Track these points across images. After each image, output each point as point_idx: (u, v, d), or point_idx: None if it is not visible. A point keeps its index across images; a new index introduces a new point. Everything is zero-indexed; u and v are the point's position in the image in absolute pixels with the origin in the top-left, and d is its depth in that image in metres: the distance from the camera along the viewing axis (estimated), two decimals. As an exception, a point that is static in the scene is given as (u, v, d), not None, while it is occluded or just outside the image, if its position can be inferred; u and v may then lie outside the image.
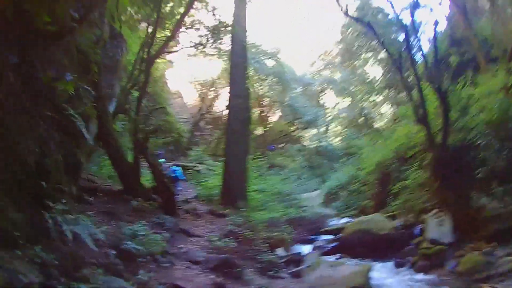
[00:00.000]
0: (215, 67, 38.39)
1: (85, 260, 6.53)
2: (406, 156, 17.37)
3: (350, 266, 10.97)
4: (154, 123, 29.88)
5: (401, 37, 19.29)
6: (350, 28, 41.82)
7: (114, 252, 7.61)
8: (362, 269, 10.18)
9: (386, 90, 40.38)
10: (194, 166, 27.14)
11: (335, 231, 16.17)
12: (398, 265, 12.09)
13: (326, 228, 17.35)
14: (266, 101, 42.98)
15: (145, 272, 7.46)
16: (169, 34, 17.02)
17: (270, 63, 38.33)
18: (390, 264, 12.36)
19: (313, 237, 17.27)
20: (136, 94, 16.93)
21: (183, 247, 10.48)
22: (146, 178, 15.35)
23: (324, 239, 16.25)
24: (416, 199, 14.91)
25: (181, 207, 15.63)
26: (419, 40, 15.30)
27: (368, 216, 15.81)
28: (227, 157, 18.35)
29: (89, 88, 8.99)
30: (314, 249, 15.14)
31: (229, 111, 18.98)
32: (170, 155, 30.96)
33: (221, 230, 12.62)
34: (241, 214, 13.66)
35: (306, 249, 15.01)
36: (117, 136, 14.36)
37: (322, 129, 44.01)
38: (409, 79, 17.43)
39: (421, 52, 14.96)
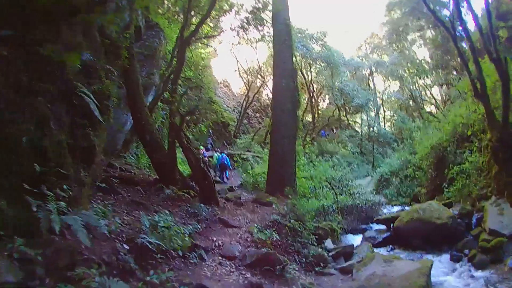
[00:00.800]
0: (261, 54, 37.39)
1: (84, 257, 5.31)
2: (463, 138, 16.07)
3: (407, 262, 8.95)
4: (196, 107, 29.74)
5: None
6: (395, 8, 39.25)
7: (127, 247, 6.28)
8: (422, 266, 8.13)
9: (435, 72, 38.22)
10: (241, 154, 25.80)
11: (388, 221, 14.35)
12: (455, 259, 10.41)
13: (379, 217, 15.37)
14: (315, 86, 41.11)
15: (163, 271, 6.10)
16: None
17: (316, 47, 36.35)
18: (446, 257, 10.73)
19: (364, 226, 15.68)
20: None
21: (218, 239, 9.04)
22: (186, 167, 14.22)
23: (376, 229, 14.53)
24: (474, 185, 13.56)
25: (223, 196, 14.40)
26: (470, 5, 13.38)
27: (422, 204, 13.79)
28: (273, 140, 16.70)
29: (112, 68, 8.19)
30: (365, 240, 13.45)
31: (274, 92, 17.42)
32: (217, 144, 30.09)
33: (264, 220, 11.15)
34: (287, 203, 12.00)
35: (356, 240, 13.65)
36: (153, 124, 13.16)
37: (373, 113, 41.56)
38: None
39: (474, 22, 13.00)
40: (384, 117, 45.12)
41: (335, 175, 21.57)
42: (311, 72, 39.45)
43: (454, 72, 34.23)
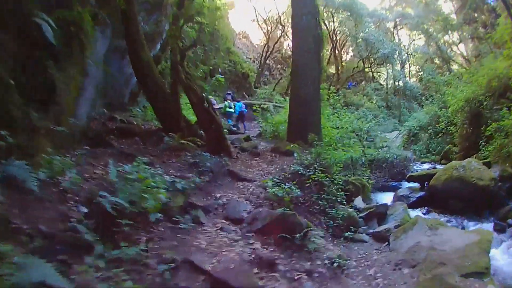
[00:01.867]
0: (280, 1, 34.88)
1: (13, 225, 3.60)
2: (499, 93, 14.69)
3: (458, 232, 6.63)
4: (195, 42, 27.74)
5: None
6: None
7: (84, 210, 4.34)
8: (481, 239, 5.63)
9: (462, 27, 35.01)
10: (262, 104, 23.54)
11: (422, 178, 12.49)
12: (498, 230, 8.47)
13: (412, 174, 13.49)
14: (338, 37, 38.27)
15: (136, 243, 4.19)
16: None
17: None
18: (488, 226, 8.73)
19: (394, 183, 14.00)
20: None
21: (223, 196, 7.07)
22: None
23: (408, 187, 12.47)
24: None
25: (237, 145, 12.42)
26: None
27: (461, 161, 11.58)
28: (295, 83, 14.27)
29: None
30: (397, 198, 11.45)
31: (294, 30, 14.86)
32: (237, 95, 28.05)
33: (282, 172, 8.99)
34: (311, 151, 9.92)
35: (387, 198, 11.67)
36: (154, 69, 11.02)
37: (398, 67, 38.61)
38: None
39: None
40: (409, 72, 42.09)
41: (363, 126, 19.66)
42: (334, 22, 36.97)
43: (481, 29, 31.08)
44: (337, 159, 10.52)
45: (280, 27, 36.52)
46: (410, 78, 42.04)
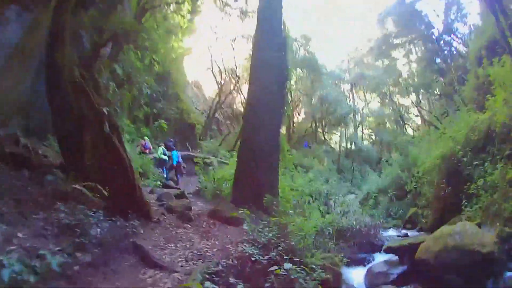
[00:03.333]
0: (237, 54, 32.73)
1: None
2: (477, 148, 13.06)
3: None
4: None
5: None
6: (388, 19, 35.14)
7: None
8: None
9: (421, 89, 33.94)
10: (205, 158, 20.19)
11: (402, 250, 9.84)
12: None
13: (390, 245, 10.61)
14: (293, 96, 36.25)
15: None
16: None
17: (299, 53, 31.86)
18: None
19: (363, 255, 11.08)
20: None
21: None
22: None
23: (384, 262, 9.87)
24: (505, 202, 9.90)
25: (164, 202, 8.94)
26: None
27: (453, 226, 9.27)
28: (248, 127, 11.07)
29: None
30: (372, 277, 9.01)
31: (254, 61, 11.72)
32: (180, 145, 24.65)
33: (223, 254, 5.61)
34: (268, 221, 6.84)
35: (357, 275, 9.29)
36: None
37: (351, 129, 37.03)
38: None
39: None
40: (362, 135, 40.49)
41: (321, 188, 16.86)
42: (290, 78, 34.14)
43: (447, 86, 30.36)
44: (305, 232, 7.20)
45: (235, 78, 34.06)
46: (367, 139, 40.70)
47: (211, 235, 6.92)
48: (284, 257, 5.22)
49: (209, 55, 34.08)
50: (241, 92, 36.48)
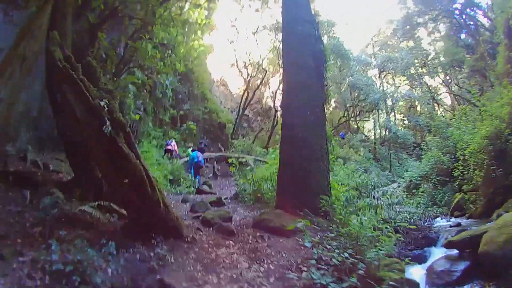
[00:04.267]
0: (261, 46, 31.18)
1: None
2: None
3: None
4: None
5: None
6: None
7: None
8: None
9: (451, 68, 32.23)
10: (239, 158, 18.66)
11: (463, 243, 8.00)
12: None
13: (451, 239, 8.52)
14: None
15: None
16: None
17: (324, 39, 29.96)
18: None
19: (418, 252, 9.22)
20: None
21: None
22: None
23: (445, 257, 8.02)
24: None
25: (199, 213, 7.46)
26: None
27: None
28: (287, 115, 9.23)
29: None
30: (435, 276, 7.46)
31: (286, 43, 9.95)
32: (212, 146, 23.39)
33: (287, 281, 4.18)
34: (329, 228, 5.72)
35: (416, 274, 7.65)
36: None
37: (384, 115, 35.17)
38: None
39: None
40: (395, 120, 38.24)
41: (365, 181, 15.83)
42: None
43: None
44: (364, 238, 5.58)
45: (262, 72, 32.16)
46: (401, 124, 38.31)
47: (262, 254, 5.33)
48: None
49: (232, 51, 32.78)
50: (269, 86, 35.01)
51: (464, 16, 27.59)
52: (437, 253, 8.65)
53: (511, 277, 6.25)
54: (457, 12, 28.03)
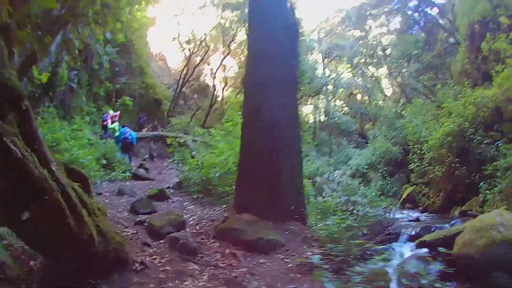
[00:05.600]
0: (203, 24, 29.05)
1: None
2: (486, 126, 12.48)
3: None
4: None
5: None
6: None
7: None
8: None
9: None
10: (178, 137, 16.69)
11: (435, 243, 7.05)
12: None
13: (424, 238, 7.65)
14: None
15: None
16: None
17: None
18: None
19: (381, 248, 7.47)
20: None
21: None
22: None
23: (415, 256, 6.97)
24: None
25: (141, 215, 5.84)
26: None
27: (486, 215, 7.29)
28: (252, 93, 7.36)
29: None
30: (404, 277, 5.75)
31: (253, 15, 8.04)
32: (147, 124, 21.16)
33: None
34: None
35: None
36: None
37: (324, 101, 34.20)
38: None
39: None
40: (335, 106, 37.80)
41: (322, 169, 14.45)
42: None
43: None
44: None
45: (203, 48, 30.05)
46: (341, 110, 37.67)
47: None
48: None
49: (175, 25, 30.38)
50: (209, 63, 33.02)
51: (417, 13, 27.29)
52: (401, 251, 7.78)
53: (490, 280, 5.82)
54: (412, 7, 27.71)
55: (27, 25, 4.74)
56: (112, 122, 14.61)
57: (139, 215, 5.86)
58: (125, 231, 4.96)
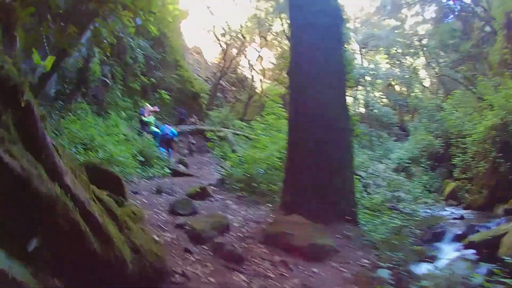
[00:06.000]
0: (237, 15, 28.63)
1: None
2: None
3: None
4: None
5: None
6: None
7: None
8: None
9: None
10: (217, 131, 16.36)
11: (484, 244, 6.87)
12: None
13: (474, 239, 7.32)
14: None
15: None
16: None
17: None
18: None
19: (426, 246, 7.41)
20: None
21: None
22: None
23: (461, 257, 6.63)
24: None
25: (181, 220, 5.20)
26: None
27: None
28: (298, 81, 6.81)
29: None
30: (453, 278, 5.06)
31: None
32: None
33: None
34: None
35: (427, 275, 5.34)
36: None
37: (363, 92, 33.03)
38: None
39: None
40: (374, 97, 36.60)
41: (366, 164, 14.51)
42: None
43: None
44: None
45: (240, 39, 29.73)
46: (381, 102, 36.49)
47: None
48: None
49: (209, 18, 30.11)
50: (246, 55, 32.59)
51: (452, 2, 26.00)
52: (447, 251, 7.35)
53: None
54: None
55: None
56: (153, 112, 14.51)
57: (180, 217, 5.48)
58: (163, 236, 4.58)
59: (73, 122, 8.88)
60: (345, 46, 7.61)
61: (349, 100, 35.11)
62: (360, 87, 32.10)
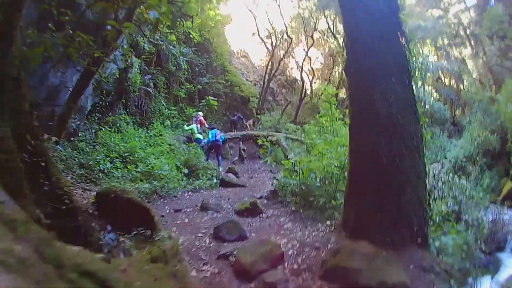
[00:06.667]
0: (284, 15, 27.83)
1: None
2: None
3: None
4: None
5: None
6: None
7: None
8: None
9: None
10: (269, 136, 15.57)
11: None
12: None
13: None
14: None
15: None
16: None
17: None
18: None
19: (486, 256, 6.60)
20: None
21: None
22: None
23: None
24: None
25: (228, 251, 4.46)
26: None
27: None
28: (358, 79, 5.69)
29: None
30: None
31: None
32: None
33: None
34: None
35: None
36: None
37: (415, 87, 31.19)
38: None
39: None
40: (425, 92, 34.84)
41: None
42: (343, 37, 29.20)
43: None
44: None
45: (286, 40, 28.76)
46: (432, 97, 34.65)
47: None
48: None
49: (252, 20, 29.64)
50: (294, 55, 32.05)
51: None
52: (508, 262, 6.72)
53: None
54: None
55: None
56: (201, 124, 14.13)
57: (225, 244, 4.71)
58: (203, 270, 3.84)
59: (112, 134, 8.45)
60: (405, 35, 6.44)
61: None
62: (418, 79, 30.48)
